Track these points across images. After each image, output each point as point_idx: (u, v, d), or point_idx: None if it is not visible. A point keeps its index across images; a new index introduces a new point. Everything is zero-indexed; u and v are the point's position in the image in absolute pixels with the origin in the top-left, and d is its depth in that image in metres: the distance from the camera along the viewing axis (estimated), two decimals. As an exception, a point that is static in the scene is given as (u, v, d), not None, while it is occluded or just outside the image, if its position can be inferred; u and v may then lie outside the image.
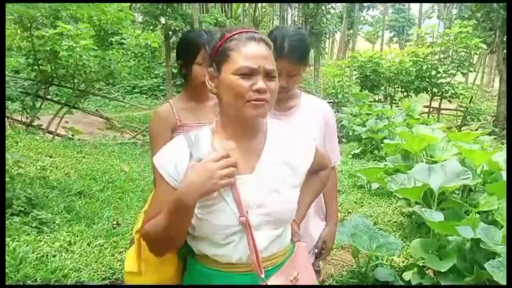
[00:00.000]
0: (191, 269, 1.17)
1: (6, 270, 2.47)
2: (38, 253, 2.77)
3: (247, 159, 1.10)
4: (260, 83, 1.04)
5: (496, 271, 2.28)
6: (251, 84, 1.04)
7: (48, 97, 7.94)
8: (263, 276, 1.05)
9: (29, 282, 2.47)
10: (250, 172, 1.10)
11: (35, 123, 6.99)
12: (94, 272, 2.71)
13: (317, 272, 1.75)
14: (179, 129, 1.75)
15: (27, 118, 6.87)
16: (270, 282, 1.07)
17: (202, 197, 1.01)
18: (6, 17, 6.56)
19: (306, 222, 1.55)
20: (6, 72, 8.27)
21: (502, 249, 2.43)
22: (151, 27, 12.78)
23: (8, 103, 6.93)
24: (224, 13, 15.15)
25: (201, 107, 1.80)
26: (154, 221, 1.07)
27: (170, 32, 12.15)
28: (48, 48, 6.45)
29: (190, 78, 1.75)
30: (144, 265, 1.19)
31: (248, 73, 1.04)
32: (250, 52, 1.05)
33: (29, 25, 6.37)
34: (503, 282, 2.24)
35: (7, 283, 2.32)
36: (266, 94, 1.05)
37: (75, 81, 7.28)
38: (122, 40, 9.20)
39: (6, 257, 2.60)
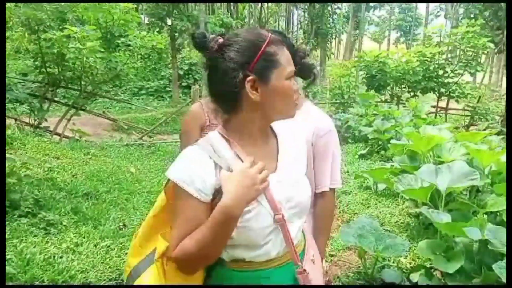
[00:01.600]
0: (218, 275, 1.13)
1: (14, 271, 2.49)
2: (45, 254, 2.79)
3: (267, 160, 1.13)
4: (296, 84, 1.10)
5: (504, 272, 2.26)
6: (292, 84, 1.10)
7: (56, 99, 8.01)
8: (300, 263, 1.13)
9: (36, 283, 2.49)
10: (274, 171, 1.13)
11: (43, 125, 7.05)
12: (101, 273, 2.73)
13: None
14: (207, 129, 1.81)
15: (34, 120, 6.93)
16: (304, 266, 1.14)
17: (247, 205, 1.03)
18: (13, 20, 6.64)
19: None
20: (14, 75, 8.37)
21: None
22: (157, 29, 12.85)
23: (16, 105, 7.00)
24: (230, 14, 15.18)
25: None
26: (191, 240, 1.02)
27: (176, 34, 12.20)
28: (55, 51, 6.52)
29: None
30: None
31: (292, 77, 1.09)
32: (287, 54, 1.08)
33: (36, 28, 6.44)
34: (512, 283, 2.22)
35: (10, 283, 2.34)
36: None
37: (82, 83, 7.33)
38: (129, 42, 9.27)
39: (14, 258, 2.62)
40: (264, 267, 1.11)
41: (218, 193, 1.03)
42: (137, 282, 1.10)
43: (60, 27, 6.70)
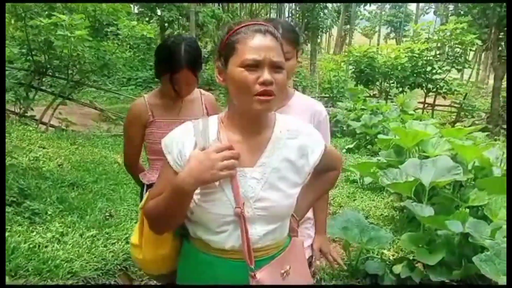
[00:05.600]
0: (185, 251, 1.21)
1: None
2: (30, 244, 2.77)
3: (250, 152, 1.12)
4: (266, 75, 1.04)
5: (483, 265, 2.32)
6: (257, 76, 1.04)
7: (42, 87, 7.88)
8: (252, 266, 1.08)
9: (21, 272, 2.47)
10: (252, 166, 1.11)
11: (28, 113, 6.93)
12: (86, 263, 2.72)
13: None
14: (151, 125, 1.80)
15: (20, 108, 6.82)
16: (260, 272, 1.08)
17: (200, 185, 1.05)
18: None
19: None
20: (0, 62, 8.20)
21: (490, 243, 2.47)
22: (147, 19, 12.68)
23: (1, 93, 6.87)
24: (221, 6, 15.06)
25: (176, 104, 1.83)
26: (155, 201, 1.12)
27: (166, 24, 12.08)
28: (42, 38, 6.39)
29: (164, 81, 1.78)
30: (144, 240, 1.24)
31: (254, 65, 1.04)
32: (256, 43, 1.05)
33: (23, 14, 6.31)
34: (491, 276, 2.28)
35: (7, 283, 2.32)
36: (272, 86, 1.05)
37: (70, 72, 7.22)
38: (118, 31, 9.12)
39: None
40: (218, 255, 1.12)
41: None
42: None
43: (48, 14, 6.56)
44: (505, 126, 9.97)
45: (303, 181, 1.18)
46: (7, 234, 2.82)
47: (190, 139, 1.11)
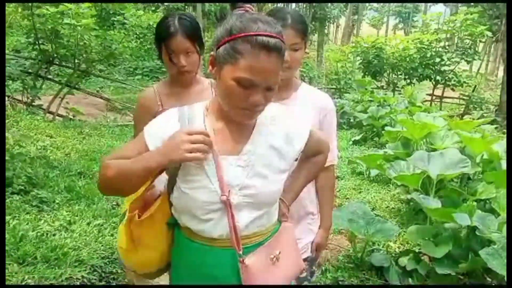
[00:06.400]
0: (177, 241, 1.20)
1: (7, 248, 2.50)
2: (38, 232, 2.80)
3: (235, 140, 1.12)
4: (257, 97, 1.02)
5: (490, 258, 2.31)
6: (249, 93, 1.02)
7: (49, 77, 7.90)
8: (240, 252, 1.09)
9: (29, 259, 2.50)
10: (237, 154, 1.11)
11: (36, 103, 6.96)
12: (94, 251, 2.75)
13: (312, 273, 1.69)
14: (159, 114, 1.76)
15: (27, 97, 6.84)
16: (248, 258, 1.10)
17: (167, 165, 1.07)
18: (7, -6, 6.48)
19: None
20: (7, 51, 8.23)
21: (497, 237, 2.45)
22: (153, 8, 12.63)
23: (9, 82, 6.90)
24: (227, -5, 14.98)
25: (186, 93, 1.77)
26: (117, 162, 1.10)
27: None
28: (49, 27, 6.39)
29: (166, 61, 1.72)
30: (137, 242, 1.20)
31: (248, 86, 1.02)
32: (258, 65, 0.99)
33: (30, 3, 6.30)
34: (498, 269, 2.27)
35: (7, 281, 2.35)
36: (262, 106, 1.05)
37: (76, 61, 7.23)
38: (124, 21, 9.11)
39: (7, 235, 2.63)
40: (207, 243, 1.12)
41: None
42: (119, 228, 1.25)
43: (54, 3, 6.55)
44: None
45: (289, 167, 1.18)
46: (15, 222, 2.85)
47: (174, 125, 1.10)
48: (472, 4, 11.88)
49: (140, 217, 1.16)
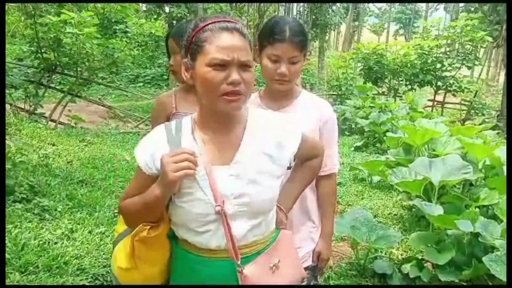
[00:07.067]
0: (175, 253, 1.20)
1: (8, 257, 2.50)
2: (40, 240, 2.80)
3: (225, 150, 1.12)
4: (234, 75, 1.04)
5: (494, 265, 2.30)
6: (225, 76, 1.04)
7: (51, 85, 7.95)
8: (238, 262, 1.08)
9: (31, 268, 2.50)
10: (228, 163, 1.11)
11: (38, 111, 7.00)
12: (95, 259, 2.74)
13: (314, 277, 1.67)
14: (173, 117, 1.79)
15: (30, 106, 6.88)
16: (247, 268, 1.09)
17: (168, 190, 1.06)
18: (10, 4, 6.55)
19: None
20: (10, 60, 8.28)
21: (500, 243, 2.44)
22: (155, 16, 12.71)
23: (11, 90, 6.95)
24: (228, 3, 15.02)
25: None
26: (130, 201, 1.14)
27: (174, 21, 12.08)
28: (51, 36, 6.45)
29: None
30: (138, 259, 1.19)
31: (222, 65, 1.04)
32: (223, 43, 1.04)
33: (32, 12, 6.36)
34: (501, 276, 2.25)
35: (7, 284, 2.35)
36: (240, 86, 1.05)
37: (79, 69, 7.28)
38: (126, 29, 9.17)
39: (8, 244, 2.63)
40: (205, 255, 1.12)
41: None
42: (116, 249, 1.26)
43: (57, 12, 6.61)
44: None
45: (282, 172, 1.18)
46: (17, 230, 2.85)
47: (163, 141, 1.11)
48: (472, 9, 11.90)
49: (149, 233, 1.16)
